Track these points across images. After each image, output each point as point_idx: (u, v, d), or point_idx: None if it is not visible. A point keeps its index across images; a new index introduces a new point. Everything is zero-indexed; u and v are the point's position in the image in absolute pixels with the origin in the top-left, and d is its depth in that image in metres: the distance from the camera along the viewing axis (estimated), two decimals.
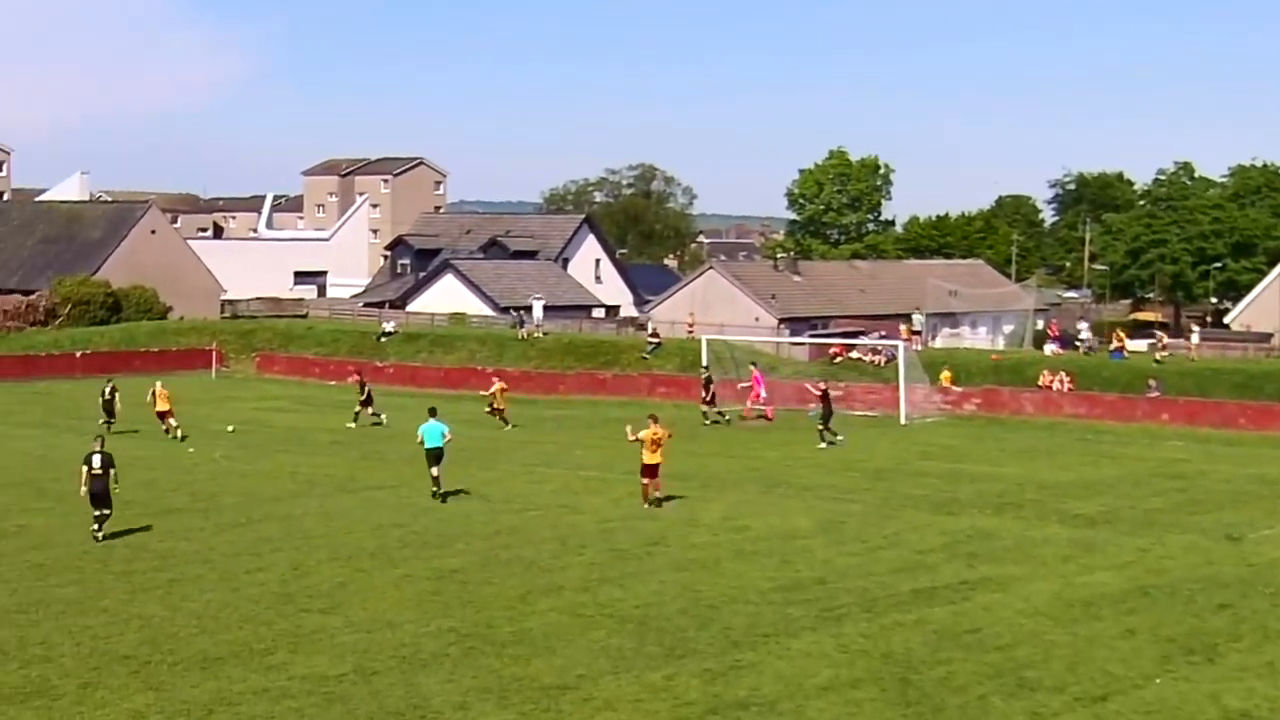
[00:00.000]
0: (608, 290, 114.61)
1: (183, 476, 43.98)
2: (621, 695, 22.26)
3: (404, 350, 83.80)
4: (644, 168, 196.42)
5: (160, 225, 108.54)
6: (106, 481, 34.25)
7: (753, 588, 29.58)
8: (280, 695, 22.09)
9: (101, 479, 34.20)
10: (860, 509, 39.50)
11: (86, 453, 35.08)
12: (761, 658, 24.35)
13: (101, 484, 34.19)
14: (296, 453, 50.04)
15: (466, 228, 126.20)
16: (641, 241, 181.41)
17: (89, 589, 29.07)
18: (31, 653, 24.27)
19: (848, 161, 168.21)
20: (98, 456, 34.48)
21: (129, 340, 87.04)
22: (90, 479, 34.26)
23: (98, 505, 34.18)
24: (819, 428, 53.49)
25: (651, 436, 38.93)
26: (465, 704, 21.77)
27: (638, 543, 34.22)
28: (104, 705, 21.60)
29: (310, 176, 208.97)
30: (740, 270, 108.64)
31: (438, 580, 30.00)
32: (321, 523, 36.62)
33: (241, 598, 28.36)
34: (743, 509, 39.17)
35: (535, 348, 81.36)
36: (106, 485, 34.24)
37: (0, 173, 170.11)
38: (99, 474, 34.23)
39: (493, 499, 40.52)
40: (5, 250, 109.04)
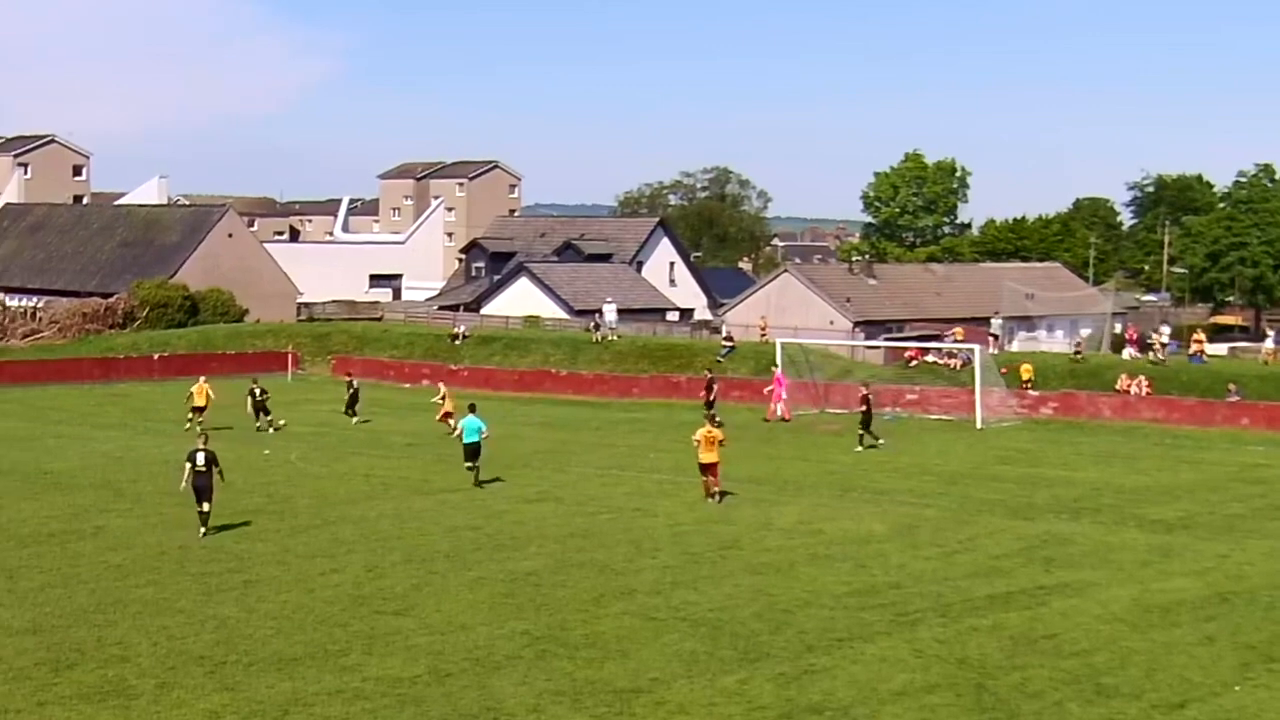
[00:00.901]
0: (682, 293, 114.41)
1: (258, 478, 44.21)
2: (695, 699, 22.20)
3: (478, 353, 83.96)
4: (719, 170, 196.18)
5: (237, 229, 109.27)
6: (210, 478, 35.14)
7: (827, 592, 29.47)
8: (354, 696, 22.16)
9: (205, 475, 35.12)
10: (935, 513, 39.28)
11: (191, 449, 35.93)
12: (836, 662, 24.24)
13: (205, 480, 35.09)
14: (371, 455, 50.20)
15: (541, 231, 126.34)
16: (716, 244, 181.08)
17: (166, 590, 29.27)
18: (109, 653, 24.45)
19: (924, 164, 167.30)
20: (201, 454, 35.38)
21: (206, 343, 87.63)
22: (194, 475, 35.16)
23: (201, 500, 35.09)
24: (859, 431, 53.06)
25: (707, 436, 40.15)
26: (538, 707, 21.77)
27: (711, 546, 34.15)
28: (180, 705, 21.72)
29: (386, 180, 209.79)
30: (815, 273, 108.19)
31: (511, 583, 30.03)
32: (396, 525, 36.74)
33: (316, 599, 28.48)
34: (817, 513, 39.02)
35: (609, 351, 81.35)
36: (210, 482, 35.14)
37: (80, 177, 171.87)
38: (203, 470, 35.15)
39: (566, 501, 40.54)
40: (85, 254, 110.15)
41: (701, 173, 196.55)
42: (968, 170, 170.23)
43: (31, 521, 36.82)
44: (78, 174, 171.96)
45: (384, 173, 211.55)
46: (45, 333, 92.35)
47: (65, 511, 38.35)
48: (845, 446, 53.62)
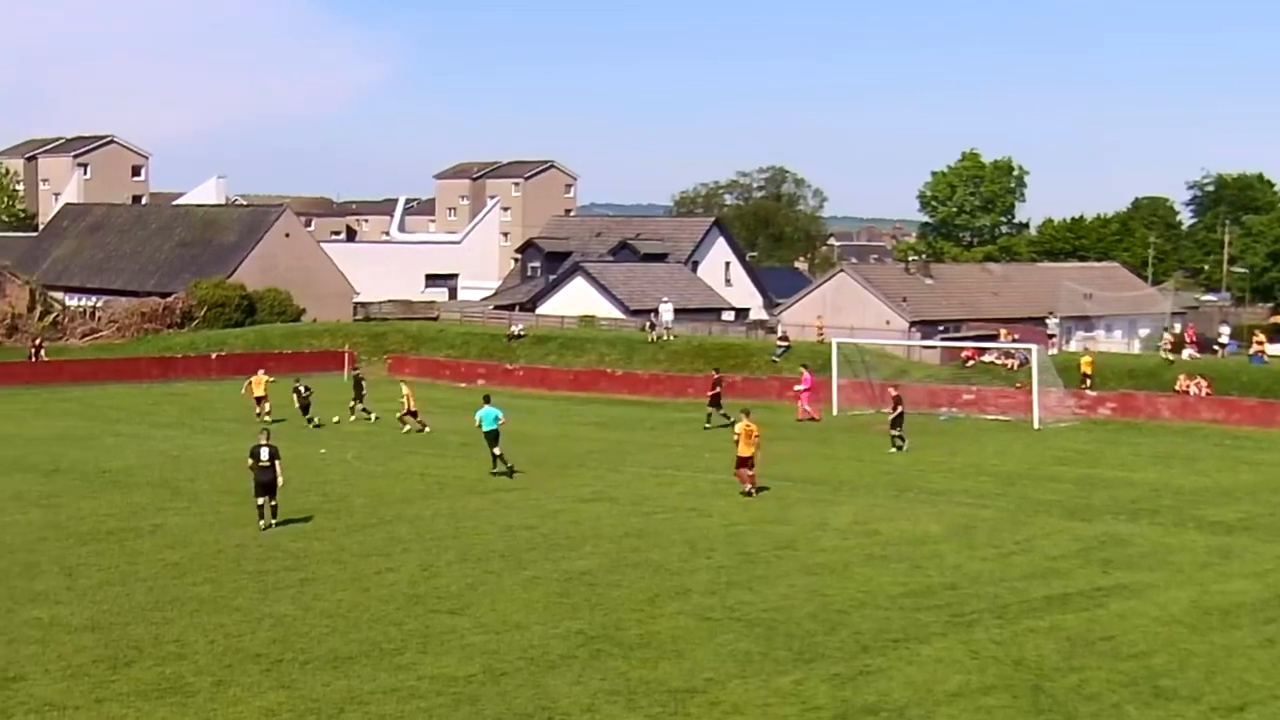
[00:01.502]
0: (737, 293, 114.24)
1: (314, 477, 44.36)
2: (749, 699, 22.16)
3: (534, 353, 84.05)
4: (774, 170, 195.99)
5: (294, 228, 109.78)
6: (274, 473, 35.75)
7: (882, 592, 29.36)
8: (409, 695, 22.21)
9: (269, 470, 35.74)
10: (992, 514, 39.08)
11: (254, 445, 36.43)
12: (891, 663, 24.15)
13: (269, 474, 35.72)
14: (426, 454, 50.31)
15: (596, 230, 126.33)
16: (772, 244, 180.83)
17: (223, 588, 29.42)
18: (166, 650, 24.59)
19: (981, 163, 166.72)
20: (265, 449, 35.99)
21: (263, 342, 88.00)
22: (259, 470, 35.79)
23: (262, 494, 35.80)
24: (890, 433, 52.63)
25: (747, 430, 40.82)
26: (593, 706, 21.77)
27: (766, 546, 34.09)
28: (236, 703, 21.82)
29: (442, 180, 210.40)
30: (871, 273, 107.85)
31: (566, 582, 30.04)
32: (451, 524, 36.82)
33: (372, 598, 28.57)
34: (873, 513, 38.89)
35: (664, 350, 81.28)
36: (274, 476, 35.75)
37: (139, 177, 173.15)
38: (266, 465, 35.79)
39: (621, 501, 40.54)
40: (143, 253, 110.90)
41: (757, 172, 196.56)
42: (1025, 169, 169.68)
43: (90, 519, 37.09)
44: (137, 174, 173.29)
45: (440, 172, 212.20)
46: (104, 332, 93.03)
47: (123, 509, 38.62)
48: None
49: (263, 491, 35.90)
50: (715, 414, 59.30)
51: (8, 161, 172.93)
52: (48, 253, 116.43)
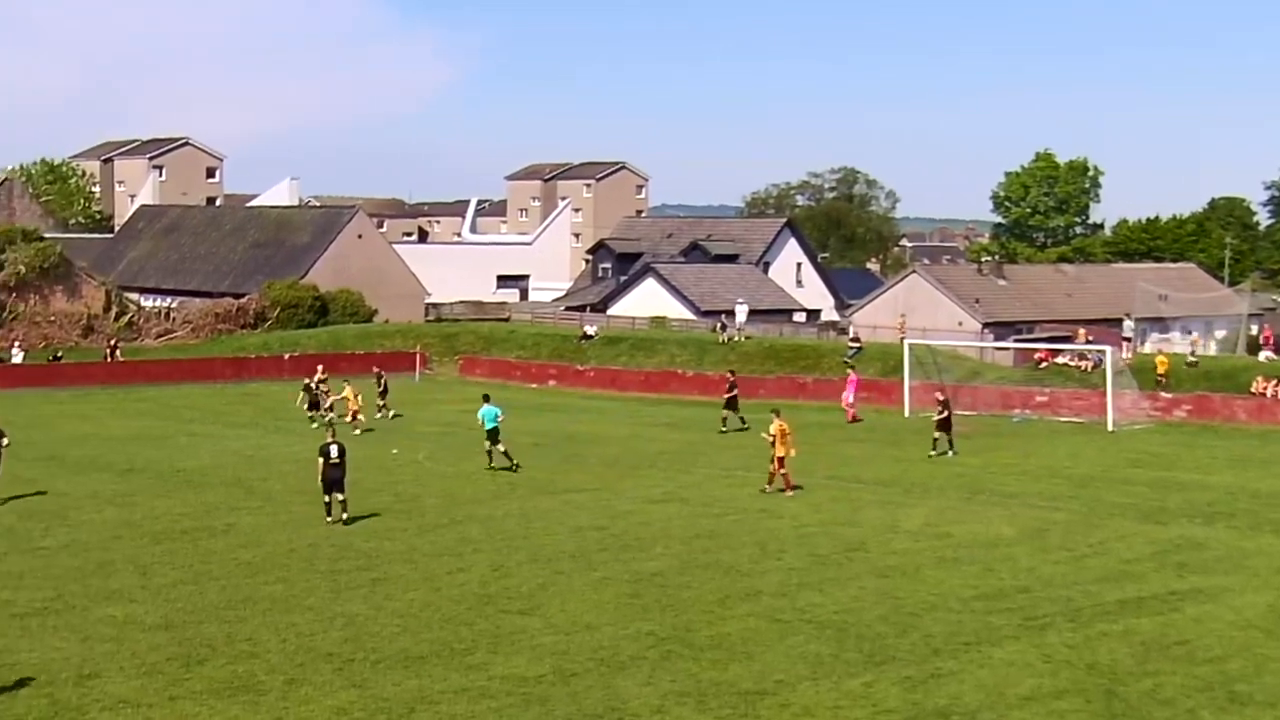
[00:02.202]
0: (809, 294, 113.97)
1: (386, 477, 44.56)
2: (820, 701, 22.09)
3: (604, 354, 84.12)
4: (846, 171, 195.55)
5: (367, 230, 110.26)
6: (343, 470, 36.51)
7: (954, 595, 29.21)
8: (480, 695, 22.25)
9: (338, 467, 36.49)
10: (1065, 517, 38.80)
11: (323, 444, 37.11)
12: (963, 666, 24.02)
13: (338, 472, 36.47)
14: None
15: (668, 231, 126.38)
16: (843, 245, 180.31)
17: (295, 587, 29.58)
18: (239, 648, 24.74)
19: (1055, 164, 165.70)
20: (334, 447, 36.77)
21: (335, 343, 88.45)
22: (328, 468, 36.52)
23: (330, 490, 36.57)
24: (934, 435, 51.81)
25: (781, 429, 41.48)
26: (663, 708, 21.74)
27: (837, 548, 33.98)
28: (308, 701, 21.93)
29: (513, 181, 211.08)
30: (943, 274, 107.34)
31: (636, 583, 30.04)
32: (521, 524, 36.88)
33: (443, 598, 28.65)
34: (945, 515, 38.70)
35: (735, 351, 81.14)
36: (343, 473, 36.49)
37: (213, 179, 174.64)
38: (336, 463, 36.54)
39: (692, 502, 40.50)
40: (217, 255, 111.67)
41: (829, 173, 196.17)
42: (1100, 170, 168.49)
43: (164, 518, 37.38)
44: (211, 176, 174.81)
45: (512, 174, 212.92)
46: (179, 333, 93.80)
47: (197, 509, 38.90)
48: (974, 449, 53.12)
49: (331, 488, 36.60)
50: (731, 416, 58.69)
51: (84, 164, 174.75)
52: (123, 254, 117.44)
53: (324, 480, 36.73)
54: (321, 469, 36.77)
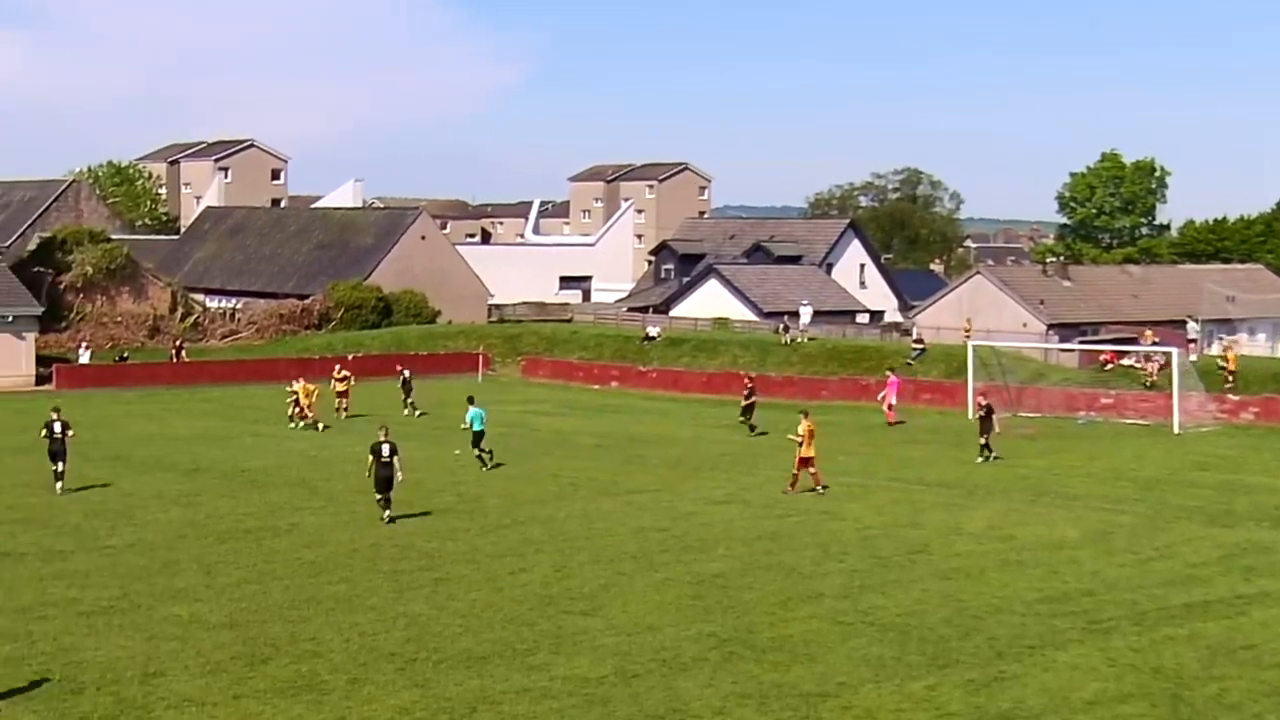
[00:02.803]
0: (872, 295, 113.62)
1: (448, 478, 44.71)
2: (882, 704, 22.00)
3: (667, 355, 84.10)
4: (910, 171, 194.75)
5: (430, 231, 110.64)
6: (392, 468, 36.92)
7: (1018, 598, 29.04)
8: (541, 695, 22.27)
9: (388, 466, 36.87)
10: (1131, 520, 38.52)
11: (374, 442, 37.40)
12: (1026, 670, 23.88)
13: (388, 471, 36.84)
14: (560, 456, 50.51)
15: (730, 233, 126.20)
16: (907, 246, 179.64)
17: (358, 587, 29.70)
18: (302, 648, 24.85)
19: (1121, 164, 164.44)
20: (386, 445, 37.14)
21: (399, 344, 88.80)
22: (379, 466, 36.87)
23: (383, 490, 36.80)
24: (980, 441, 51.11)
25: (809, 429, 41.60)
26: (724, 709, 21.71)
27: (900, 550, 33.85)
28: (371, 701, 22.00)
29: (576, 182, 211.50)
30: (1008, 275, 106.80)
31: (698, 585, 30.01)
32: (583, 525, 36.92)
33: (505, 598, 28.70)
34: (1008, 518, 38.49)
35: (798, 353, 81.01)
36: (392, 472, 37.03)
37: (278, 180, 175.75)
38: (386, 461, 36.91)
39: (753, 504, 40.44)
40: (282, 256, 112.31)
41: (893, 174, 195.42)
42: (1167, 170, 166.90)
43: (229, 518, 37.63)
44: (276, 178, 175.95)
45: (574, 175, 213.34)
46: (243, 333, 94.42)
47: (261, 508, 39.14)
48: (1039, 451, 52.88)
49: (383, 487, 37.04)
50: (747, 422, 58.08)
51: (151, 166, 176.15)
52: (189, 255, 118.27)
53: (376, 479, 37.11)
54: (373, 468, 37.14)
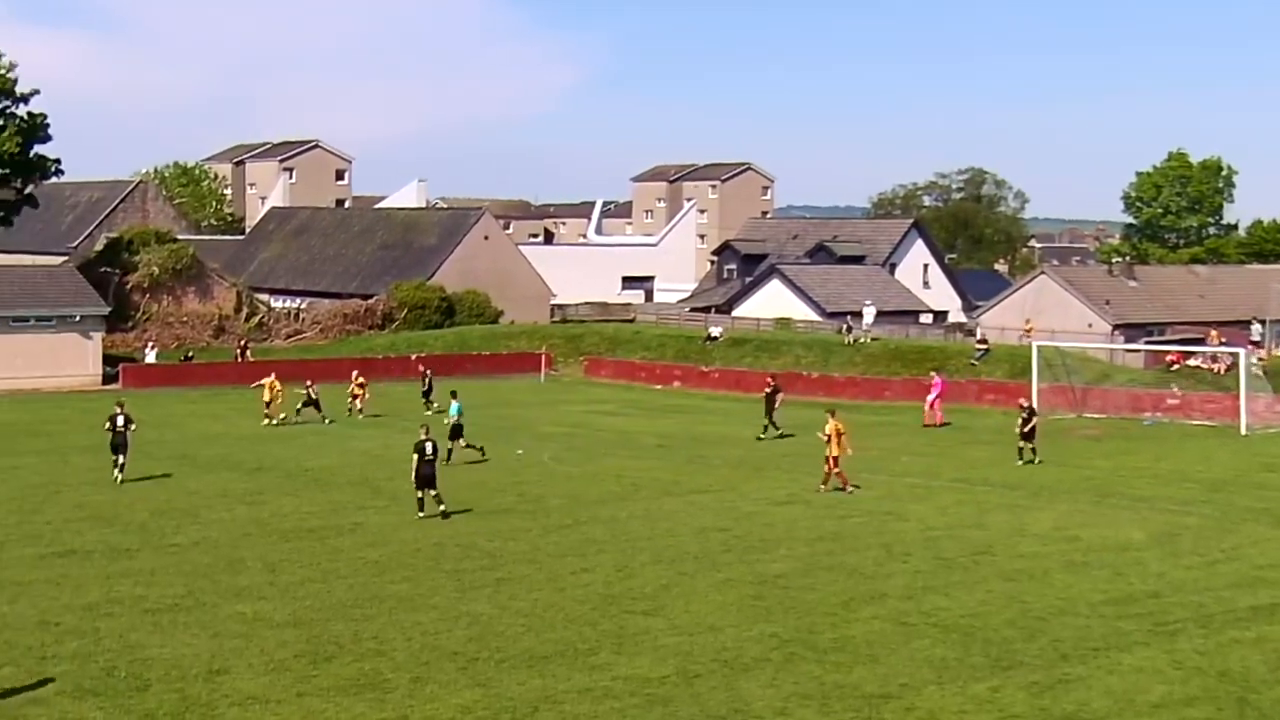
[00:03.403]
0: (936, 295, 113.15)
1: (511, 478, 44.80)
2: (945, 706, 21.90)
3: (729, 355, 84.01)
4: (974, 171, 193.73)
5: (493, 231, 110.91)
6: (435, 466, 37.80)
7: (1083, 600, 28.86)
8: (603, 695, 22.27)
9: (431, 464, 37.66)
10: (1197, 521, 38.21)
11: (419, 441, 37.93)
12: (1091, 672, 23.72)
13: (431, 468, 37.58)
14: (622, 456, 50.52)
15: (793, 232, 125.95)
16: (971, 246, 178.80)
17: (420, 586, 29.78)
18: (365, 646, 24.94)
19: (1188, 163, 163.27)
20: (429, 444, 37.86)
21: (461, 344, 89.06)
22: (422, 464, 37.56)
23: (423, 486, 37.55)
24: (1019, 444, 50.43)
25: (836, 429, 41.82)
26: (786, 710, 21.66)
27: (964, 551, 33.69)
28: (433, 699, 22.05)
29: (639, 183, 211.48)
30: (1073, 275, 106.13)
31: (760, 585, 29.95)
32: (646, 525, 36.91)
33: (567, 598, 28.72)
34: (1073, 519, 38.26)
35: (861, 353, 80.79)
36: (435, 469, 37.95)
37: (342, 181, 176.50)
38: (430, 459, 37.67)
39: (815, 504, 40.33)
40: (346, 256, 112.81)
41: (957, 173, 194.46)
42: (1234, 169, 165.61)
43: (292, 517, 37.83)
44: (340, 178, 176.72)
45: (637, 175, 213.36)
46: (307, 333, 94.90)
47: (324, 507, 39.32)
48: (1105, 452, 52.53)
49: (424, 484, 37.69)
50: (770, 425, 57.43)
51: (216, 167, 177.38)
52: (254, 255, 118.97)
53: (417, 476, 37.68)
54: (416, 465, 37.69)
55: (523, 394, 73.55)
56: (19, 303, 76.19)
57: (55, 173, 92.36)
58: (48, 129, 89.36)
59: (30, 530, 35.73)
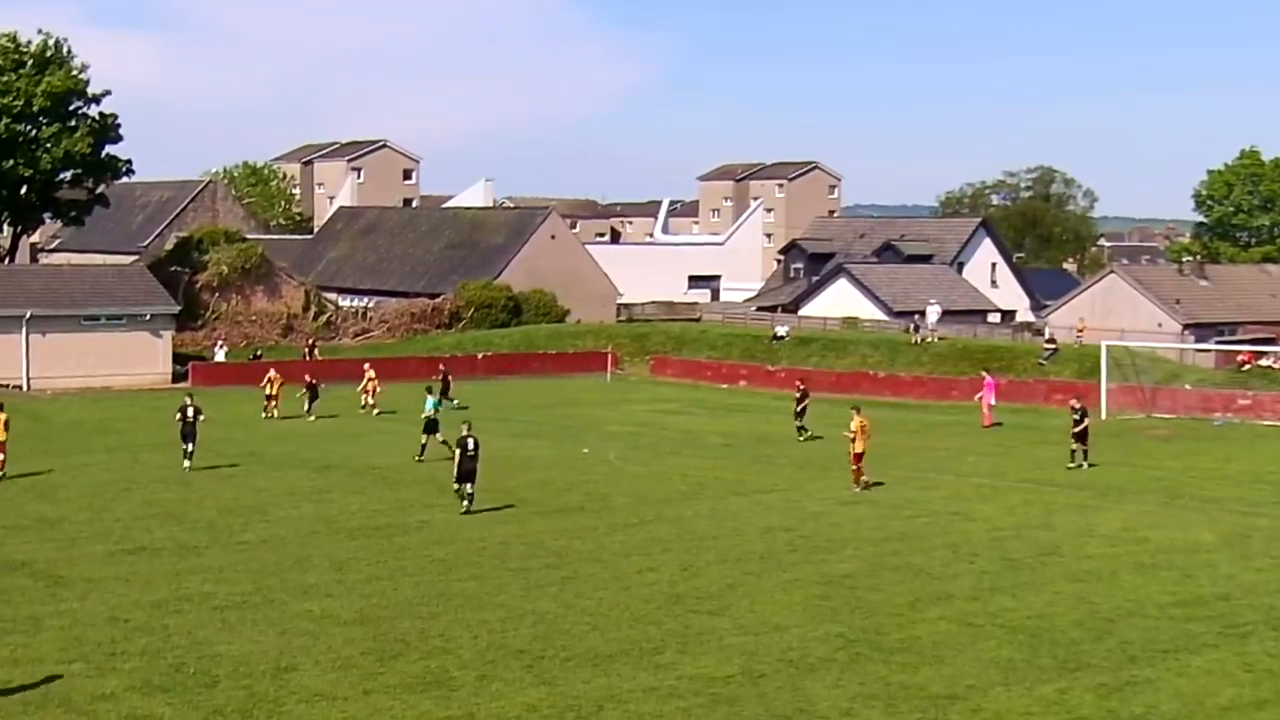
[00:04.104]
0: (1004, 295, 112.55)
1: (577, 476, 44.87)
2: (1012, 707, 21.79)
3: (796, 354, 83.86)
4: (1043, 170, 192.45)
5: (560, 230, 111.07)
6: (476, 462, 38.04)
7: (1151, 601, 28.65)
8: (668, 694, 22.27)
9: (473, 459, 38.00)
10: (1269, 523, 37.86)
11: (460, 437, 38.42)
12: (1160, 674, 23.55)
13: (472, 464, 38.17)
14: (687, 455, 50.52)
15: (860, 231, 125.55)
16: (1039, 245, 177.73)
17: (487, 584, 29.86)
18: (432, 644, 25.03)
19: (1260, 161, 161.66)
20: (471, 440, 38.14)
21: (528, 343, 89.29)
22: (464, 459, 38.01)
23: (462, 480, 38.14)
24: (1071, 446, 49.89)
25: (861, 426, 42.06)
26: (852, 710, 21.60)
27: (1031, 552, 33.51)
28: (499, 697, 22.11)
29: (705, 181, 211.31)
30: (1143, 274, 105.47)
31: (826, 585, 29.89)
32: (711, 525, 36.89)
33: (632, 597, 28.74)
34: (1142, 520, 37.98)
35: (928, 352, 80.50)
36: (476, 465, 38.26)
37: (409, 181, 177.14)
38: (472, 454, 38.03)
39: (882, 504, 40.20)
40: (413, 255, 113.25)
41: (1025, 172, 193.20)
42: None
43: (359, 515, 38.00)
44: (408, 178, 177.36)
45: (704, 174, 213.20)
46: (375, 332, 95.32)
47: (391, 505, 39.50)
48: (1174, 452, 52.13)
49: (464, 479, 38.23)
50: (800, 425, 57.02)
51: (285, 166, 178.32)
52: (322, 255, 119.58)
53: (459, 471, 38.19)
54: (458, 460, 38.18)
55: (588, 393, 73.63)
56: (91, 302, 76.90)
57: (126, 173, 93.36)
58: (119, 129, 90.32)
59: (101, 527, 36.06)
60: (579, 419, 61.54)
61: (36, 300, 75.21)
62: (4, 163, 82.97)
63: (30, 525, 36.24)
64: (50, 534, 35.19)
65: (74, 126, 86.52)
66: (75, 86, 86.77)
